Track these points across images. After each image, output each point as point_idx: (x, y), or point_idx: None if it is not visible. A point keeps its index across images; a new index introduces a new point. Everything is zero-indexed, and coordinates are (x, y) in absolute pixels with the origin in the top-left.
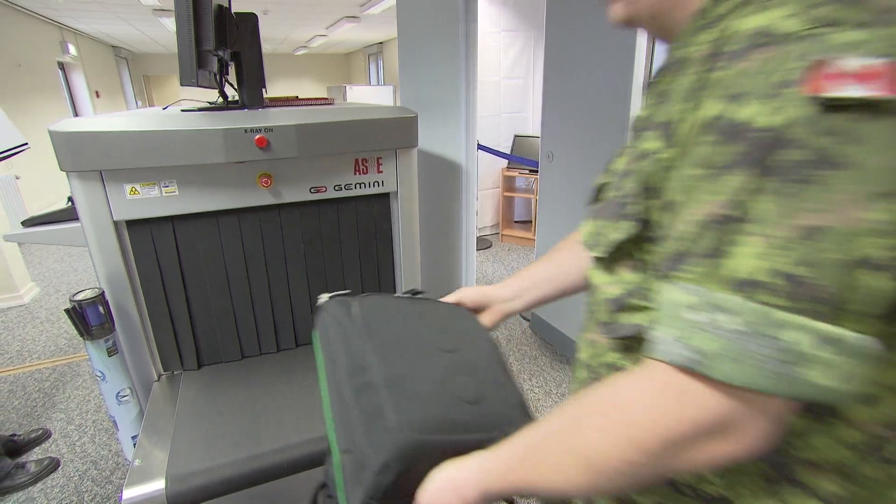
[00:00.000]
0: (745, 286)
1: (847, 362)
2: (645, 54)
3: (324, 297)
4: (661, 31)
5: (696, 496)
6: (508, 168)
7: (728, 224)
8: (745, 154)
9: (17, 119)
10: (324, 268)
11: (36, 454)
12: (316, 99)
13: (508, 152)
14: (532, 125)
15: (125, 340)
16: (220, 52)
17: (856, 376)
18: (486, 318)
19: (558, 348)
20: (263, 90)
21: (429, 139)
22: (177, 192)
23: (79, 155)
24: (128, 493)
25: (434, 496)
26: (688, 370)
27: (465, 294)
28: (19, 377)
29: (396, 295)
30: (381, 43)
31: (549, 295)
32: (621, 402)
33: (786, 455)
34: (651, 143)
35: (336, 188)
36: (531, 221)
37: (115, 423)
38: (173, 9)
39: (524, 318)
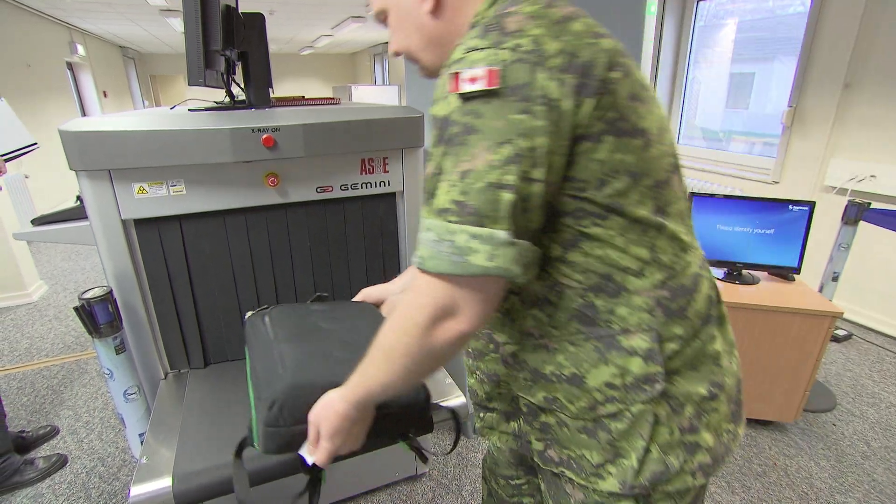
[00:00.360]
0: (440, 212)
1: (488, 248)
2: (652, 54)
3: (248, 314)
4: (430, 69)
5: (558, 378)
6: None
7: (435, 178)
8: (437, 135)
9: (26, 119)
10: (330, 267)
11: (44, 451)
12: (322, 99)
13: None
14: None
15: (133, 338)
16: (228, 52)
17: (497, 256)
18: (384, 309)
19: None
20: (270, 90)
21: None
22: (184, 192)
23: (88, 154)
24: (135, 490)
25: (317, 411)
26: (421, 270)
27: (367, 292)
28: (28, 374)
29: (306, 302)
30: (386, 43)
31: None
32: (401, 305)
33: (606, 329)
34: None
35: (342, 188)
36: None
37: (122, 420)
38: (180, 9)
39: None
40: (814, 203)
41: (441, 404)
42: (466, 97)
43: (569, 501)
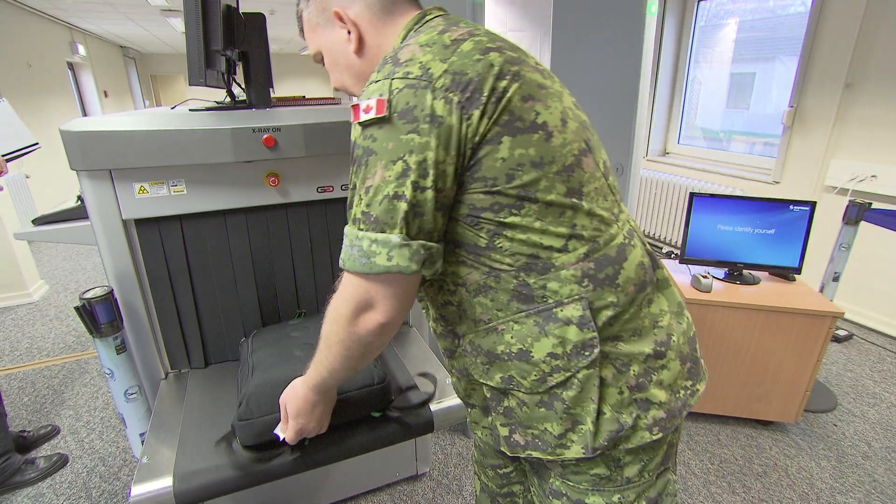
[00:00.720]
0: (354, 221)
1: (385, 250)
2: (652, 54)
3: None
4: None
5: (509, 356)
6: None
7: (351, 192)
8: (351, 157)
9: (27, 118)
10: (331, 267)
11: (45, 450)
12: (323, 99)
13: None
14: None
15: (133, 338)
16: (228, 52)
17: (393, 256)
18: None
19: None
20: (271, 90)
21: None
22: (185, 191)
23: (89, 154)
24: (136, 490)
25: (285, 393)
26: (344, 270)
27: None
28: (28, 374)
29: (289, 322)
30: None
31: None
32: (333, 300)
33: (542, 303)
34: None
35: (343, 188)
36: None
37: (123, 420)
38: (181, 9)
39: None
40: (814, 203)
41: (410, 395)
42: (364, 125)
43: (549, 475)
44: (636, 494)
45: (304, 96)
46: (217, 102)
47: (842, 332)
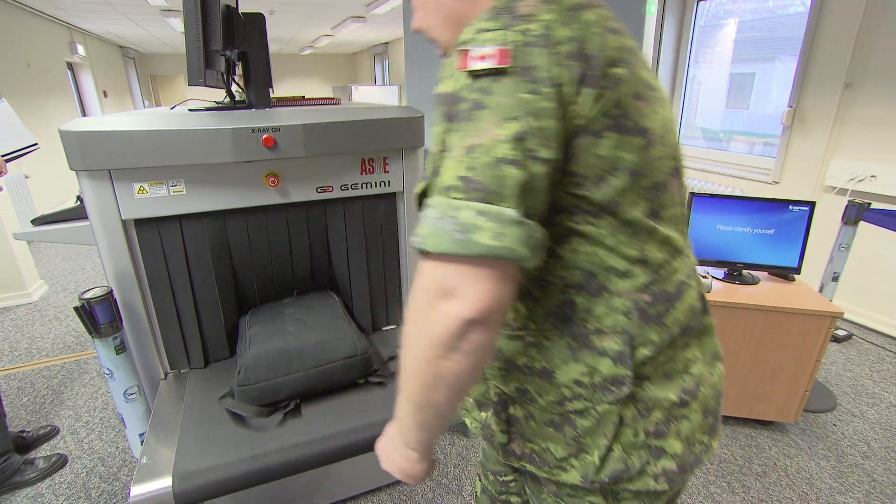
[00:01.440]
0: (444, 190)
1: (494, 226)
2: (652, 54)
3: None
4: (447, 49)
5: (530, 371)
6: None
7: (440, 155)
8: (443, 112)
9: (26, 119)
10: (330, 267)
11: (44, 450)
12: (322, 99)
13: None
14: None
15: (133, 338)
16: (228, 52)
17: (505, 235)
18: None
19: None
20: (270, 90)
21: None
22: (184, 192)
23: (88, 154)
24: (135, 490)
25: (381, 447)
26: (421, 253)
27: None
28: (28, 374)
29: (283, 300)
30: (386, 43)
31: None
32: (408, 308)
33: (581, 327)
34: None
35: (343, 188)
36: None
37: (122, 420)
38: (181, 9)
39: None
40: (814, 203)
41: (391, 365)
42: (476, 74)
43: (544, 490)
44: None
45: (303, 96)
46: (217, 102)
47: (841, 332)
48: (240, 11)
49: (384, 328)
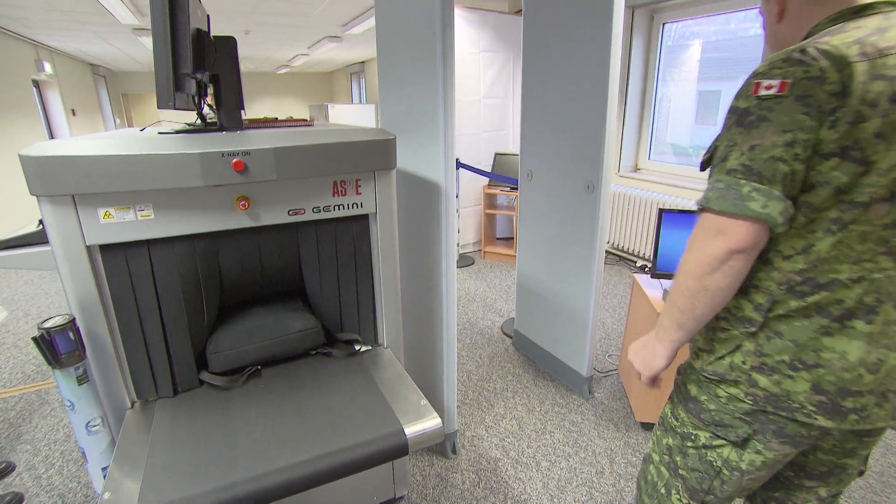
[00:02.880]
0: (729, 171)
1: (763, 199)
2: (621, 74)
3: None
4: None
5: (735, 317)
6: (490, 186)
7: (727, 148)
8: (734, 120)
9: None
10: (303, 290)
11: None
12: (295, 120)
13: (489, 170)
14: (512, 143)
15: (97, 367)
16: (199, 75)
17: (769, 206)
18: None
19: (540, 365)
20: (242, 112)
21: (408, 159)
22: (152, 216)
23: (50, 179)
24: None
25: (633, 348)
26: (705, 209)
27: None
28: None
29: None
30: (363, 62)
31: None
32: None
33: (751, 279)
34: None
35: (315, 210)
36: (513, 238)
37: (84, 454)
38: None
39: (506, 335)
40: None
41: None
42: (763, 98)
43: (689, 374)
44: None
45: (276, 118)
46: (188, 124)
47: None
48: (211, 34)
49: (360, 349)
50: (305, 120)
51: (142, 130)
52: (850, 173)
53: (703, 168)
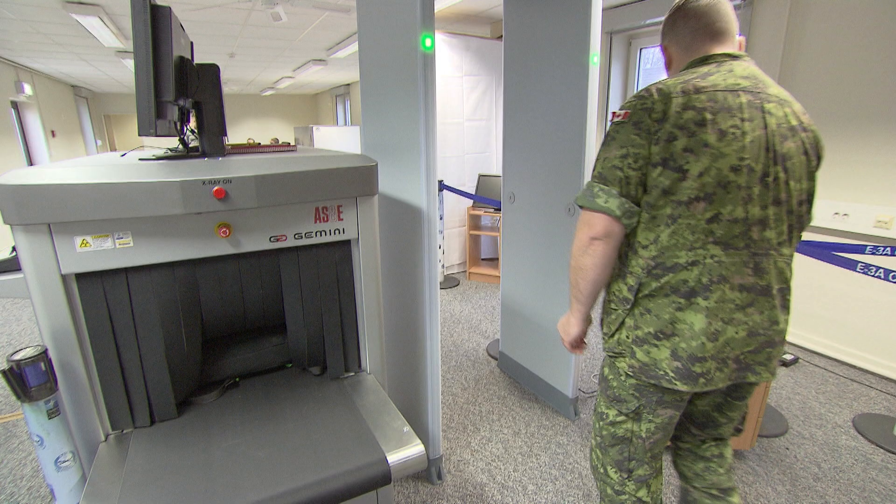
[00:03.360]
0: (593, 178)
1: (605, 196)
2: (597, 98)
3: None
4: None
5: (618, 298)
6: (474, 207)
7: (596, 161)
8: (603, 140)
9: None
10: (284, 317)
11: None
12: (278, 146)
13: (474, 191)
14: (496, 164)
15: (69, 400)
16: (181, 102)
17: (609, 201)
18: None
19: (526, 386)
20: (225, 138)
21: (391, 183)
22: (131, 244)
23: (25, 209)
24: None
25: (559, 325)
26: (579, 205)
27: None
28: None
29: None
30: (348, 84)
31: None
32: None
33: (626, 266)
34: None
35: (296, 236)
36: (498, 259)
37: (52, 492)
38: None
39: (492, 357)
40: None
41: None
42: (615, 123)
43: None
44: None
45: (259, 143)
46: (169, 150)
47: (788, 357)
48: (195, 61)
49: (343, 376)
50: (288, 144)
51: (122, 156)
52: (670, 178)
53: None
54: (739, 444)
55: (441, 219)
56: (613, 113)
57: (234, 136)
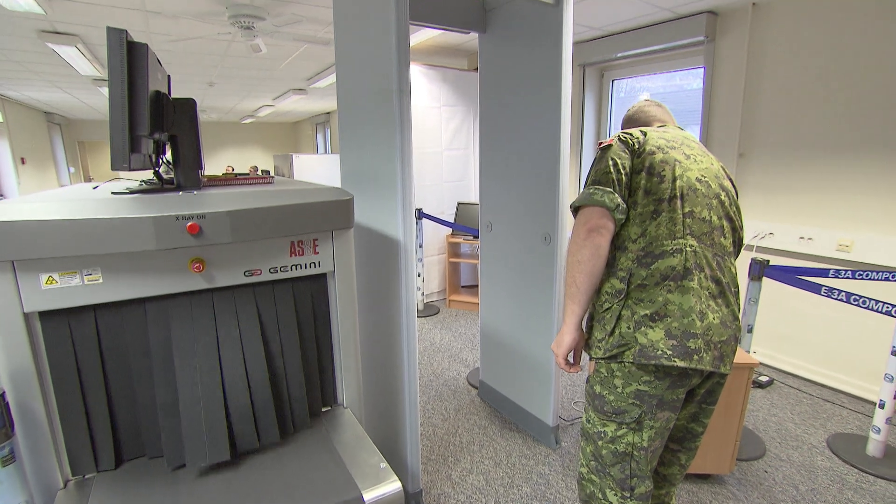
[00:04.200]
0: (587, 184)
1: (600, 193)
2: (569, 127)
3: None
4: None
5: (610, 293)
6: (453, 235)
7: (588, 174)
8: (593, 161)
9: None
10: (260, 351)
11: None
12: (254, 178)
13: (453, 219)
14: (474, 192)
15: (26, 444)
16: (156, 136)
17: (605, 197)
18: None
19: (506, 415)
20: (200, 171)
21: (367, 214)
22: (101, 280)
23: None
24: None
25: (553, 345)
26: (575, 208)
27: None
28: None
29: None
30: (328, 113)
31: None
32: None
33: (616, 266)
34: None
35: (272, 270)
36: (478, 286)
37: None
38: None
39: (472, 386)
40: None
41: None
42: (602, 147)
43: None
44: None
45: (235, 175)
46: (144, 182)
47: (763, 378)
48: (172, 94)
49: (319, 411)
50: (268, 173)
51: (95, 188)
52: (652, 181)
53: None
54: (719, 469)
55: (420, 247)
56: (600, 142)
57: (214, 163)
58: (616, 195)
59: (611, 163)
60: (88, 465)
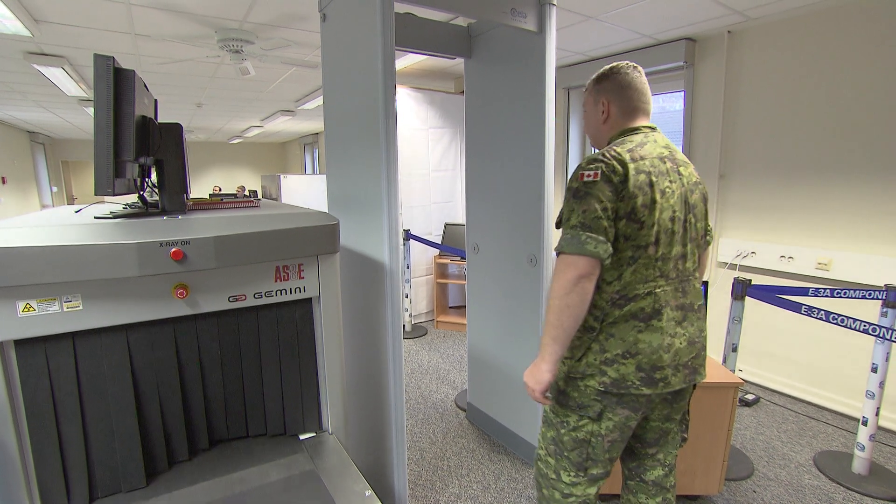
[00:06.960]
0: (573, 227)
1: (594, 242)
2: (553, 150)
3: None
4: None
5: (583, 328)
6: (440, 255)
7: (569, 212)
8: (571, 194)
9: None
10: (243, 379)
11: None
12: (240, 201)
13: (440, 240)
14: (461, 213)
15: None
16: (142, 160)
17: (598, 246)
18: None
19: (495, 438)
20: (185, 195)
21: (353, 238)
22: (80, 307)
23: None
24: None
25: (526, 374)
26: (562, 253)
27: None
28: None
29: None
30: (316, 133)
31: None
32: (554, 274)
33: (593, 305)
34: None
35: (256, 296)
36: (466, 307)
37: None
38: None
39: (460, 409)
40: (706, 282)
41: None
42: (586, 182)
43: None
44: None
45: (221, 198)
46: (128, 206)
47: (750, 397)
48: (158, 119)
49: (302, 437)
50: (254, 194)
51: (77, 212)
52: (632, 228)
53: (557, 227)
54: (708, 490)
55: (408, 268)
56: (581, 173)
57: (201, 183)
58: (608, 245)
59: (599, 207)
60: (60, 499)
